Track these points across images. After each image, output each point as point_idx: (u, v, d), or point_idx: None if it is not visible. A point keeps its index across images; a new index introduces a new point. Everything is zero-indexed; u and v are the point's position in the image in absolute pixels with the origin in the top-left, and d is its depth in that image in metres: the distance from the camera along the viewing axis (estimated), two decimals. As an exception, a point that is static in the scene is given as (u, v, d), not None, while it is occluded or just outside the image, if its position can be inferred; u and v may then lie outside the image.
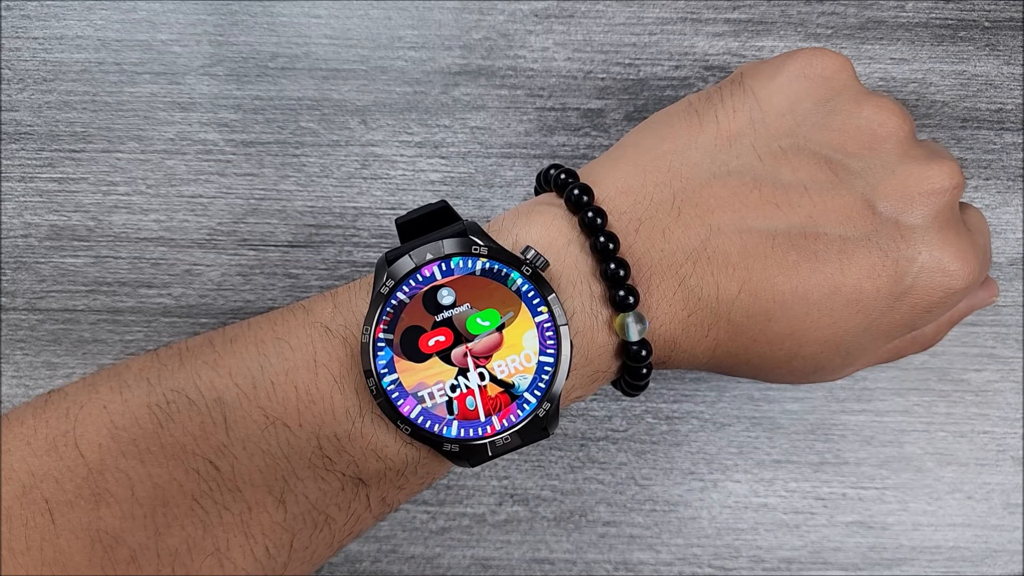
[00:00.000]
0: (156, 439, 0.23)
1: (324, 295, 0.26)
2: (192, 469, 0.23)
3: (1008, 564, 0.36)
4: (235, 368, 0.24)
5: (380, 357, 0.24)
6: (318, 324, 0.25)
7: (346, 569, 0.36)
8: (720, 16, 0.37)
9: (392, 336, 0.24)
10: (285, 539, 0.25)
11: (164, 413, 0.24)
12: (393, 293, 0.24)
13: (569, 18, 0.37)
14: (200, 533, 0.24)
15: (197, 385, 0.24)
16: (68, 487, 0.23)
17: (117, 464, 0.23)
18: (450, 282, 0.25)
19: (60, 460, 0.23)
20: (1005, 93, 0.36)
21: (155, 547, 0.23)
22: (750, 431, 0.36)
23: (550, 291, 0.24)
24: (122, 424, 0.24)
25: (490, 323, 0.24)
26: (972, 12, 0.36)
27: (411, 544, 0.36)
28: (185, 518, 0.23)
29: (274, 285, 0.36)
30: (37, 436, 0.24)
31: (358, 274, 0.37)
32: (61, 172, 0.37)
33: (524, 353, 0.24)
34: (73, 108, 0.37)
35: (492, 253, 0.25)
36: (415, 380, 0.24)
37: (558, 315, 0.24)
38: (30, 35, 0.37)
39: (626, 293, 0.25)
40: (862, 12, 0.36)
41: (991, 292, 0.31)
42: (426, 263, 0.25)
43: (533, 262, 0.24)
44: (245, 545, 0.24)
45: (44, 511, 0.23)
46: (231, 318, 0.36)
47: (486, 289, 0.25)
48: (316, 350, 0.24)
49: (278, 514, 0.24)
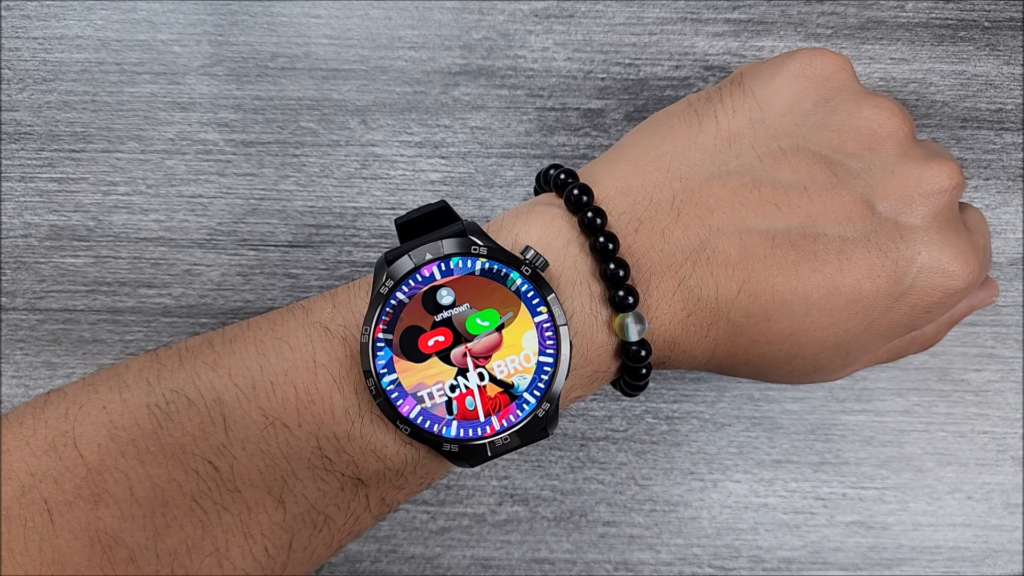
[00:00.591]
0: (155, 439, 0.23)
1: (323, 295, 0.26)
2: (191, 469, 0.23)
3: (1008, 564, 0.36)
4: (234, 368, 0.24)
5: (379, 357, 0.24)
6: (317, 324, 0.25)
7: (346, 569, 0.36)
8: (720, 16, 0.36)
9: (391, 336, 0.24)
10: (284, 539, 0.25)
11: (163, 413, 0.24)
12: (392, 293, 0.24)
13: (569, 18, 0.37)
14: (199, 533, 0.24)
15: (196, 385, 0.24)
16: (67, 487, 0.23)
17: (116, 464, 0.23)
18: (449, 282, 0.25)
19: (59, 460, 0.23)
20: (1005, 93, 0.36)
21: (154, 547, 0.23)
22: (750, 431, 0.36)
23: (549, 291, 0.24)
24: (121, 424, 0.24)
25: (489, 323, 0.24)
26: (972, 12, 0.36)
27: (411, 544, 0.36)
28: (184, 518, 0.23)
29: (274, 285, 0.36)
30: (36, 436, 0.24)
31: (358, 274, 0.37)
32: (61, 172, 0.37)
33: (523, 353, 0.24)
34: (73, 108, 0.37)
35: (492, 253, 0.25)
36: (414, 380, 0.24)
37: (557, 315, 0.24)
38: (30, 35, 0.37)
39: (626, 293, 0.25)
40: (862, 12, 0.36)
41: (991, 292, 0.31)
42: (425, 263, 0.25)
43: (533, 262, 0.24)
44: (244, 545, 0.24)
45: (43, 511, 0.23)
46: (231, 318, 0.36)
47: (485, 289, 0.25)
48: (315, 350, 0.24)
49: (277, 514, 0.24)
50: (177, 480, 0.23)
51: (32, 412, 0.24)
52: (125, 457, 0.23)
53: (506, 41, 0.37)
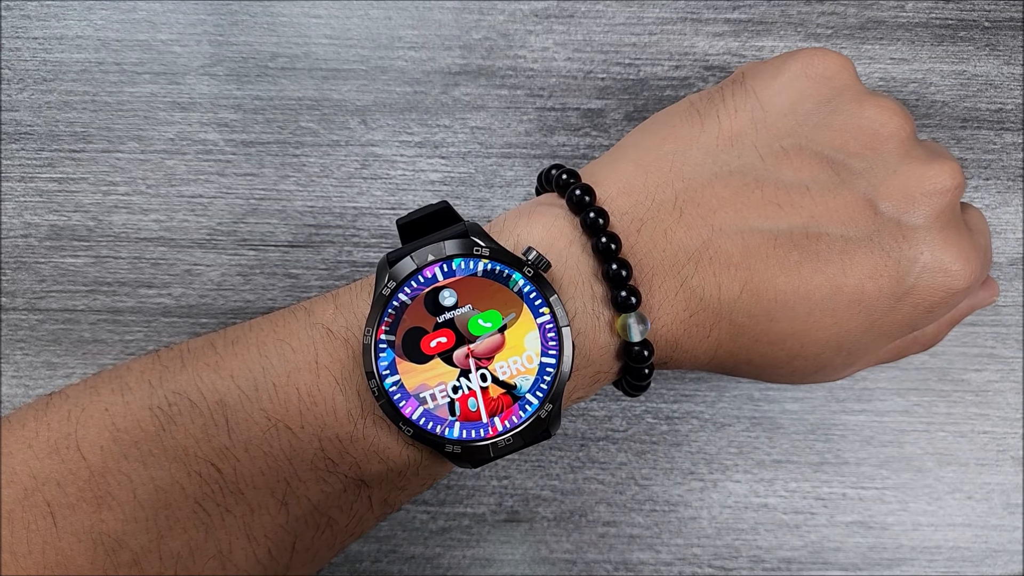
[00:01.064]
0: (158, 441, 0.23)
1: (325, 296, 0.26)
2: (194, 471, 0.23)
3: (1008, 564, 0.36)
4: (237, 370, 0.24)
5: (382, 359, 0.24)
6: (320, 325, 0.25)
7: (346, 569, 0.36)
8: (720, 16, 0.36)
9: (394, 337, 0.24)
10: (287, 541, 0.25)
11: (166, 416, 0.24)
12: (395, 294, 0.24)
13: (569, 18, 0.37)
14: (202, 536, 0.24)
15: (199, 387, 0.24)
16: (70, 490, 0.23)
17: (119, 467, 0.23)
18: (452, 283, 0.25)
19: (62, 463, 0.23)
20: (1005, 93, 0.36)
21: (157, 550, 0.23)
22: (750, 431, 0.36)
23: (552, 292, 0.24)
24: (124, 426, 0.24)
25: (492, 324, 0.24)
26: (972, 12, 0.36)
27: (411, 544, 0.36)
28: (187, 521, 0.23)
29: (274, 285, 0.36)
30: (39, 439, 0.24)
31: (358, 274, 0.37)
32: (61, 172, 0.37)
33: (526, 354, 0.24)
34: (73, 108, 0.37)
35: (494, 254, 0.25)
36: (417, 382, 0.24)
37: (560, 316, 0.24)
38: (30, 35, 0.37)
39: (628, 294, 0.25)
40: (862, 12, 0.36)
41: (991, 292, 0.31)
42: (428, 264, 0.25)
43: (535, 263, 0.24)
44: (247, 547, 0.24)
45: (46, 514, 0.23)
46: (231, 318, 0.36)
47: (488, 290, 0.24)
48: (318, 352, 0.24)
49: (280, 516, 0.24)
50: (180, 482, 0.23)
51: (34, 414, 0.24)
52: (128, 459, 0.23)
53: (506, 41, 0.37)
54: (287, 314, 0.26)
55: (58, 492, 0.23)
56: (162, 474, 0.23)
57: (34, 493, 0.23)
